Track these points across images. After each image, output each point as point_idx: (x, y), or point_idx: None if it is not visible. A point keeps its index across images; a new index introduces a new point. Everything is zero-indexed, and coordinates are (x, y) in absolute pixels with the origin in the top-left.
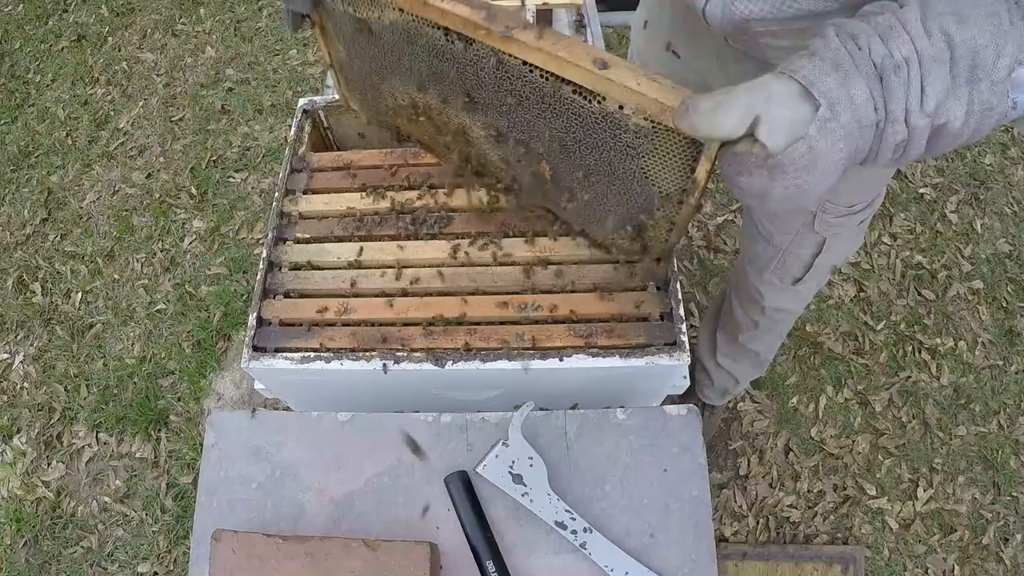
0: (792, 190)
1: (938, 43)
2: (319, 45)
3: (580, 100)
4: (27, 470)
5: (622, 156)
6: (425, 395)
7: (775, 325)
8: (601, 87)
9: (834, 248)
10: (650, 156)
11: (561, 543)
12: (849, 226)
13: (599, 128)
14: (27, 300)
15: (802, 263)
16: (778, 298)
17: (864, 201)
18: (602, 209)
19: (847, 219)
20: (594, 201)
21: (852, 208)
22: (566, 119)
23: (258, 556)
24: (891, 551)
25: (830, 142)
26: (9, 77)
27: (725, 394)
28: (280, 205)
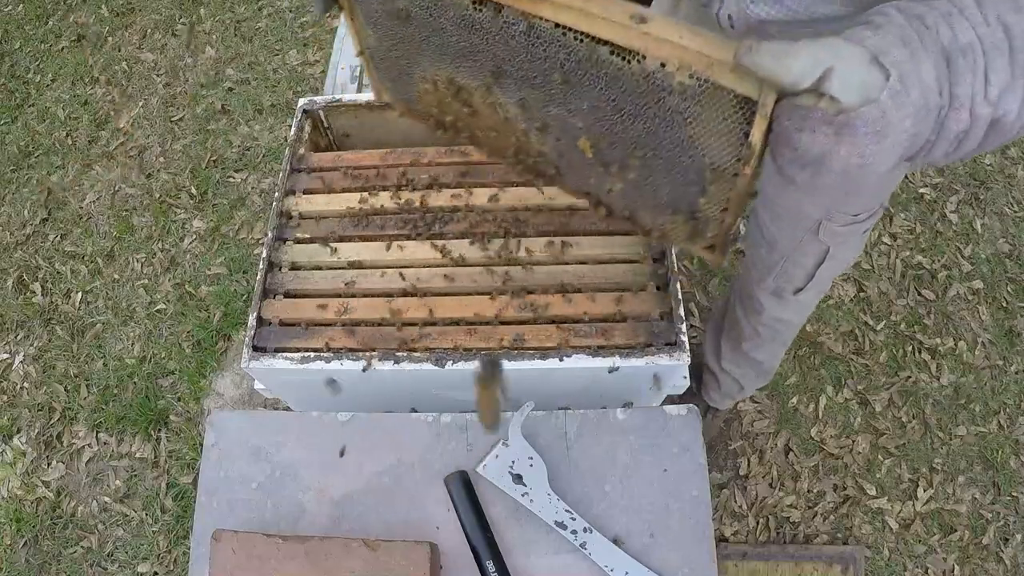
0: (854, 160)
1: (996, 31)
2: (349, 32)
3: (618, 61)
4: (27, 470)
5: (667, 124)
6: (425, 395)
7: (777, 335)
8: (640, 43)
9: (837, 257)
10: (698, 121)
11: (561, 543)
12: (854, 235)
13: (641, 92)
14: (27, 300)
15: (804, 271)
16: (779, 308)
17: (870, 210)
18: (649, 188)
19: (852, 228)
20: (640, 180)
21: (858, 217)
22: (604, 85)
23: (258, 556)
24: (891, 551)
25: (900, 116)
26: (9, 77)
27: (730, 398)
28: (280, 205)
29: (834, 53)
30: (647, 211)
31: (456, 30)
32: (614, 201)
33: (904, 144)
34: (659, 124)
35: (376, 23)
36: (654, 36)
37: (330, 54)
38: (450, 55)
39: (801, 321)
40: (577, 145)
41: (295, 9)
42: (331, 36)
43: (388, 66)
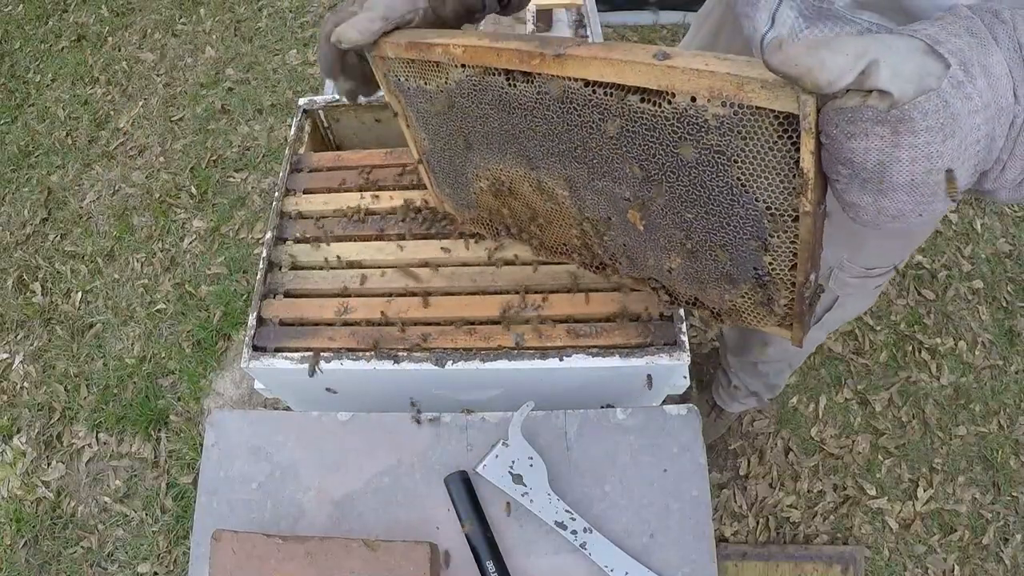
0: (921, 162)
1: None
2: (408, 140)
3: (650, 108)
4: (27, 470)
5: (712, 169)
6: (425, 395)
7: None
8: (666, 80)
9: (845, 307)
10: (743, 158)
11: (561, 543)
12: (864, 289)
13: (679, 137)
14: (27, 300)
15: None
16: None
17: (885, 267)
18: (709, 257)
19: (863, 281)
20: (699, 248)
21: (871, 271)
22: (642, 140)
23: (258, 556)
24: (891, 551)
25: (967, 110)
26: (9, 77)
27: (737, 403)
28: (280, 205)
29: (880, 44)
30: (712, 286)
31: (497, 113)
32: (677, 283)
33: (977, 149)
34: (704, 172)
35: (427, 123)
36: (679, 69)
37: None
38: (496, 143)
39: (806, 353)
40: (627, 219)
41: (295, 9)
42: None
43: (443, 169)
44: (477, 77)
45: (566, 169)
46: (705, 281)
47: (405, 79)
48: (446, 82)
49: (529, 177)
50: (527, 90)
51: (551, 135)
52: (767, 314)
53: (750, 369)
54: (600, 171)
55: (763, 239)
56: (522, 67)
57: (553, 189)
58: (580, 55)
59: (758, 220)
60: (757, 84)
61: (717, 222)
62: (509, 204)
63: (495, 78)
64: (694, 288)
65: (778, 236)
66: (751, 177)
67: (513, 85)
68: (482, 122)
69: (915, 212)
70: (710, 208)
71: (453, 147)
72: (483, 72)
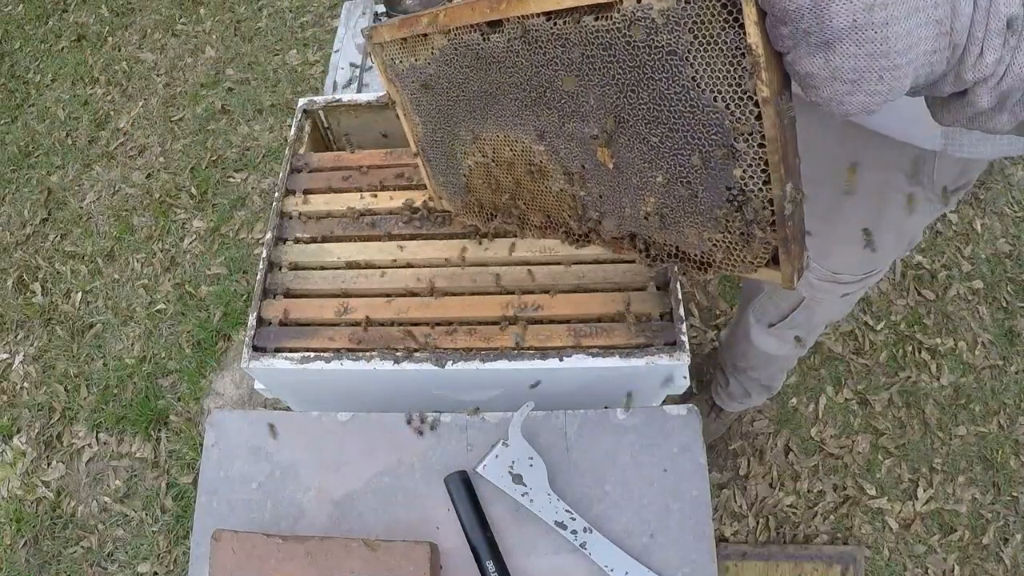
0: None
1: None
2: (406, 132)
3: (604, 24)
4: (27, 470)
5: (666, 75)
6: (425, 395)
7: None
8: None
9: (812, 309)
10: (693, 51)
11: (561, 543)
12: (832, 295)
13: (632, 50)
14: (27, 300)
15: (779, 311)
16: (760, 337)
17: (852, 274)
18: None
19: (831, 286)
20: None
21: (838, 276)
22: (601, 64)
23: (258, 556)
24: (891, 551)
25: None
26: (9, 77)
27: (736, 402)
28: (280, 205)
29: None
30: (688, 224)
31: (476, 74)
32: (655, 231)
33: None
34: (659, 81)
35: (419, 104)
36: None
37: (330, 54)
38: (478, 107)
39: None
40: (598, 160)
41: (295, 9)
42: (331, 36)
43: (437, 155)
44: (457, 39)
45: (539, 119)
46: (681, 220)
47: (400, 61)
48: (431, 52)
49: (509, 140)
50: (499, 40)
51: (522, 84)
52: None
53: (743, 374)
54: (568, 112)
55: (729, 145)
56: (493, 15)
57: (530, 147)
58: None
59: (720, 123)
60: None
61: (682, 138)
62: (495, 181)
63: (472, 35)
64: (673, 234)
65: (744, 139)
66: (705, 72)
67: (487, 39)
68: (464, 87)
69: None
70: (672, 123)
71: (443, 125)
72: (462, 32)
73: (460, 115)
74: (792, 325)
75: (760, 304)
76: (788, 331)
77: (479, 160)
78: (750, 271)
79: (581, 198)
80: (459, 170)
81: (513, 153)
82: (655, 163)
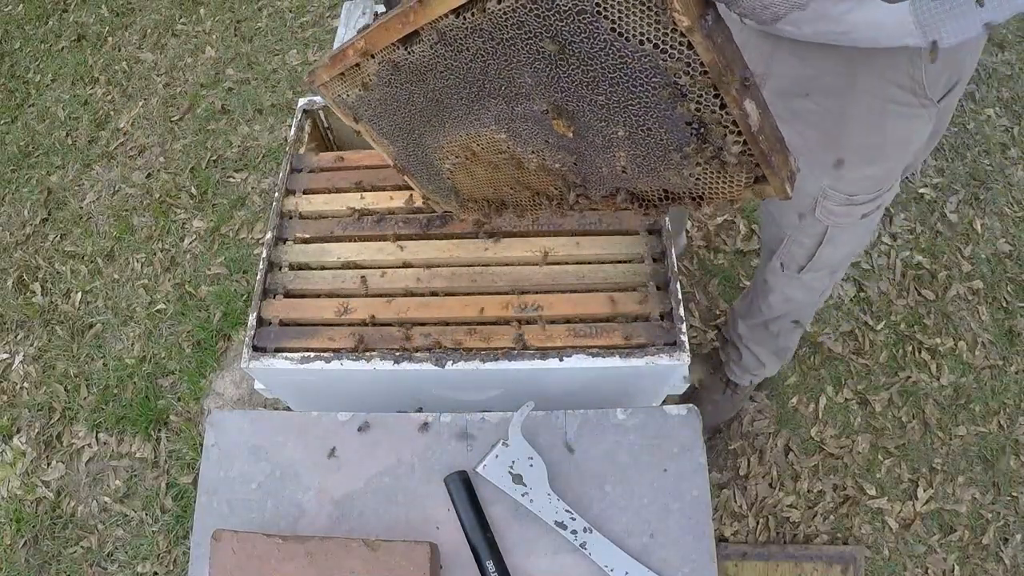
0: None
1: None
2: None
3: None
4: (27, 470)
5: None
6: (425, 395)
7: (787, 314)
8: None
9: (837, 241)
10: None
11: (561, 543)
12: (852, 217)
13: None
14: (27, 300)
15: (805, 251)
16: (786, 287)
17: (867, 193)
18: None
19: (848, 209)
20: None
21: (853, 198)
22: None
23: (258, 556)
24: (891, 551)
25: None
26: (9, 77)
27: (749, 374)
28: (280, 205)
29: None
30: (665, 167)
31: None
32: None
33: None
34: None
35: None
36: None
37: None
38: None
39: (812, 301)
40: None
41: (295, 9)
42: (331, 36)
43: (416, 167)
44: (386, 60)
45: (489, 111)
46: (656, 165)
47: (345, 94)
48: (369, 78)
49: (472, 136)
50: (422, 49)
51: (460, 83)
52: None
53: (760, 333)
54: (511, 95)
55: (672, 83)
56: (407, 29)
57: (494, 137)
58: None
59: (655, 65)
60: None
61: (626, 90)
62: (478, 176)
63: (397, 52)
64: (654, 179)
65: (684, 73)
66: (619, 18)
67: (411, 51)
68: (412, 102)
69: None
70: (611, 79)
71: (410, 141)
72: (387, 53)
73: (420, 127)
74: (820, 264)
75: (786, 251)
76: (818, 272)
77: (455, 162)
78: (741, 193)
79: (558, 170)
80: (441, 174)
81: (481, 147)
82: (611, 120)
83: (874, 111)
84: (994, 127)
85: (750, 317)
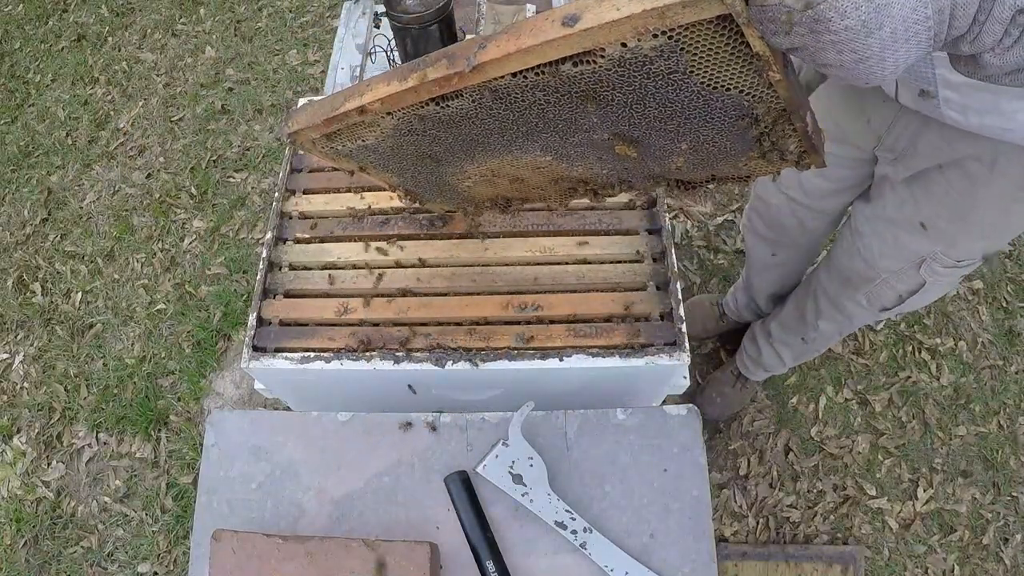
0: (848, 54)
1: None
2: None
3: (586, 68)
4: (27, 470)
5: (672, 87)
6: (425, 395)
7: (844, 331)
8: (588, 42)
9: (931, 292)
10: (695, 66)
11: (561, 543)
12: (952, 278)
13: (628, 79)
14: (27, 300)
15: (895, 295)
16: (861, 316)
17: (974, 259)
18: (709, 145)
19: (953, 271)
20: (696, 144)
21: (960, 263)
22: (595, 94)
23: (258, 556)
24: (891, 551)
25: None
26: (9, 77)
27: (764, 370)
28: (280, 205)
29: None
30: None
31: (446, 131)
32: (689, 174)
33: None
34: (666, 92)
35: (385, 165)
36: (595, 27)
37: (330, 54)
38: (461, 150)
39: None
40: (617, 154)
41: (295, 9)
42: (331, 36)
43: (424, 187)
44: (409, 115)
45: (538, 142)
46: (714, 163)
47: (342, 146)
48: (382, 131)
49: (507, 161)
50: (462, 104)
51: (506, 126)
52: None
53: (794, 340)
54: (570, 131)
55: (750, 115)
56: (445, 91)
57: (536, 159)
58: (494, 57)
59: (738, 103)
60: (678, 6)
61: (701, 121)
62: (502, 185)
63: (426, 108)
64: (706, 171)
65: (762, 106)
66: (713, 76)
67: (446, 106)
68: (437, 143)
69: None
70: (688, 114)
71: (422, 171)
72: (412, 109)
73: (443, 158)
74: (905, 308)
75: (875, 291)
76: (897, 312)
77: (478, 180)
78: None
79: (604, 176)
80: (456, 189)
81: (517, 167)
82: (677, 139)
83: (1006, 197)
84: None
85: (794, 327)
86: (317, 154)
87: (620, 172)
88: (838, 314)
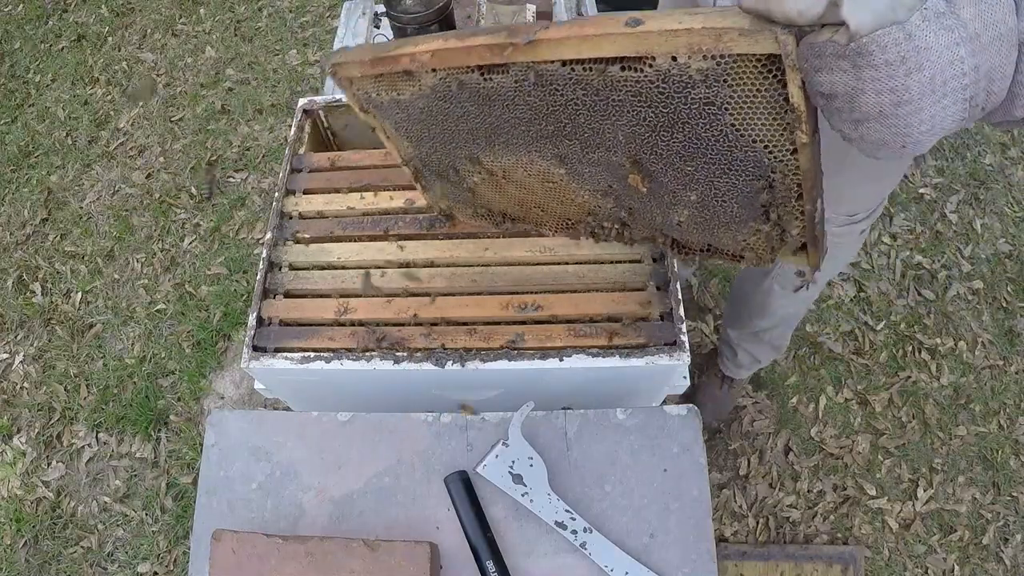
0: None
1: None
2: (388, 147)
3: (632, 75)
4: (27, 470)
5: (704, 120)
6: (425, 395)
7: (781, 322)
8: (644, 46)
9: (836, 256)
10: (732, 103)
11: (561, 543)
12: (850, 235)
13: (667, 98)
14: (27, 300)
15: None
16: (780, 304)
17: (867, 210)
18: (716, 204)
19: (848, 228)
20: (705, 197)
21: (854, 217)
22: (630, 108)
23: (258, 556)
24: (891, 551)
25: (945, 42)
26: (9, 77)
27: (745, 370)
28: (280, 205)
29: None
30: (723, 231)
31: (477, 109)
32: (688, 234)
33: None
34: (696, 124)
35: (407, 131)
36: (655, 32)
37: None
38: (482, 137)
39: (802, 311)
40: (629, 184)
41: (295, 9)
42: (331, 36)
43: (432, 170)
44: (451, 78)
45: (558, 148)
46: (716, 227)
47: (376, 94)
48: (419, 89)
49: (522, 163)
50: (504, 81)
51: (536, 119)
52: (782, 246)
53: (751, 339)
54: (593, 143)
55: (766, 177)
56: (495, 60)
57: (548, 170)
58: (552, 37)
59: (758, 160)
60: (735, 32)
61: (718, 169)
62: (507, 192)
63: (470, 75)
64: (706, 235)
65: (780, 172)
66: (744, 120)
67: (489, 79)
68: (464, 120)
69: (897, 142)
70: (709, 157)
71: (438, 149)
72: (457, 72)
73: (460, 142)
74: (821, 282)
75: (780, 272)
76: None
77: (486, 177)
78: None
79: (608, 210)
80: (461, 184)
81: (528, 174)
82: (689, 186)
83: None
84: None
85: (740, 327)
86: (350, 96)
87: (623, 212)
88: (764, 307)
